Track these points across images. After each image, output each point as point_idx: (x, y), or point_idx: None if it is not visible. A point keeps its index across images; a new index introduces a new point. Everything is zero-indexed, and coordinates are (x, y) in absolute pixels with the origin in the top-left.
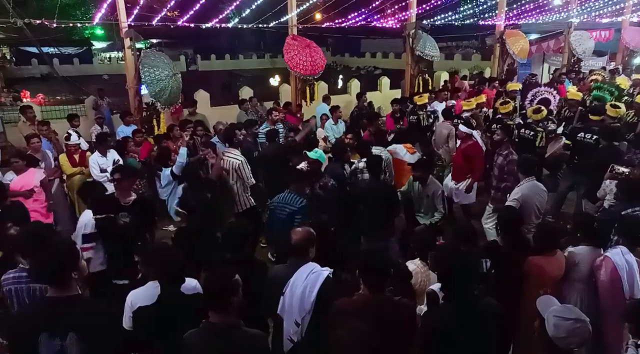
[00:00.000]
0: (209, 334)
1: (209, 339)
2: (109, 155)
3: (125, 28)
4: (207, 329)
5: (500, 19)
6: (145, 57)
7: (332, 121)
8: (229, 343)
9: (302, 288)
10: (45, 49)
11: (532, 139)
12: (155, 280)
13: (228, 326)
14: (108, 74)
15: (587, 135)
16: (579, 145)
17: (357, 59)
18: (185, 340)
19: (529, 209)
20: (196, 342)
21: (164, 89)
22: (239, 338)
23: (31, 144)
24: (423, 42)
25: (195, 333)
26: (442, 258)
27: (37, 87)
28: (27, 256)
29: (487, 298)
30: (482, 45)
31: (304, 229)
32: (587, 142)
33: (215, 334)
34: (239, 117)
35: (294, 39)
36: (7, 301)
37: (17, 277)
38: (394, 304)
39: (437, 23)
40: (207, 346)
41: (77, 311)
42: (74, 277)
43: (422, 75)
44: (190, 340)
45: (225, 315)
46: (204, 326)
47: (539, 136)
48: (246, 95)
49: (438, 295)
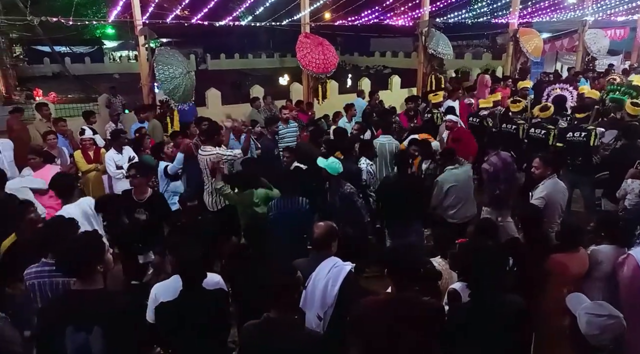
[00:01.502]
0: (269, 329)
1: (268, 334)
2: (124, 152)
3: (139, 26)
4: (268, 324)
5: (514, 17)
6: (160, 55)
7: (345, 119)
8: (288, 340)
9: (324, 282)
10: (57, 48)
11: (543, 138)
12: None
13: (288, 323)
14: (119, 72)
15: (576, 134)
16: (569, 145)
17: (366, 58)
18: (244, 331)
19: (554, 207)
20: (256, 335)
21: (177, 86)
22: (298, 336)
23: (47, 141)
24: (436, 40)
25: (256, 325)
26: (466, 255)
27: (49, 85)
28: (50, 250)
29: (510, 295)
30: (493, 44)
31: (326, 223)
32: (577, 141)
33: (275, 330)
34: (251, 115)
35: (306, 37)
36: (30, 295)
37: (40, 271)
38: (422, 303)
39: (450, 21)
40: (266, 340)
41: (102, 304)
42: (100, 270)
43: (435, 74)
44: (250, 332)
45: (286, 312)
46: (264, 320)
47: (551, 134)
48: (257, 93)
49: (460, 294)
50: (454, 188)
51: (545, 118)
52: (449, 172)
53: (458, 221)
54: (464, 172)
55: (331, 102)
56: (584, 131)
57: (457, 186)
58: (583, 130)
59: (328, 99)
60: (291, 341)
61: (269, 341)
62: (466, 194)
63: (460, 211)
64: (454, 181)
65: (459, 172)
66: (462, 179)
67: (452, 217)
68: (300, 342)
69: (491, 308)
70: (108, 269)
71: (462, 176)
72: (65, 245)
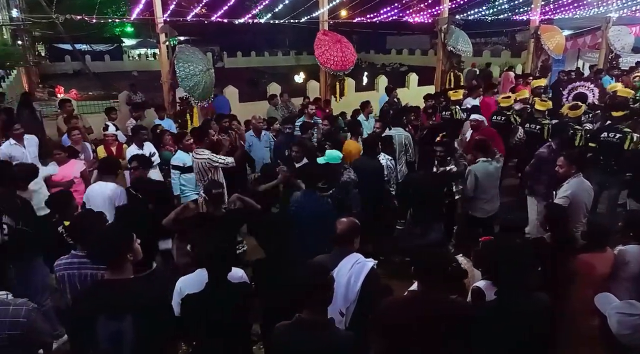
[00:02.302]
0: (300, 330)
1: (300, 335)
2: (145, 147)
3: (160, 24)
4: (300, 324)
5: (535, 13)
6: (180, 53)
7: (363, 117)
8: (320, 341)
9: (347, 278)
10: (78, 46)
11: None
12: (204, 268)
13: (320, 324)
14: (137, 70)
15: (610, 134)
16: (603, 145)
17: (382, 56)
18: (276, 331)
19: (578, 206)
20: (287, 336)
21: (197, 83)
22: (330, 337)
23: (72, 136)
24: (455, 37)
25: (287, 326)
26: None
27: (70, 82)
28: (80, 242)
29: (537, 293)
30: (512, 42)
31: (349, 220)
32: (611, 142)
33: (307, 331)
34: (269, 112)
35: (325, 34)
36: (60, 286)
37: (69, 262)
38: (450, 302)
39: (470, 18)
40: (298, 341)
41: (133, 293)
42: (130, 259)
43: (454, 71)
44: (281, 333)
45: (317, 312)
46: (296, 321)
47: (578, 135)
48: (274, 91)
49: (484, 292)
50: (483, 181)
51: (573, 118)
52: (482, 164)
53: (482, 215)
54: (495, 167)
55: (348, 99)
56: (619, 132)
57: (486, 179)
58: (618, 131)
59: (345, 97)
60: (323, 342)
61: (301, 342)
62: (493, 189)
63: (486, 205)
64: (484, 174)
65: (490, 166)
66: (492, 174)
67: (477, 211)
68: (333, 343)
69: (518, 307)
70: (137, 259)
71: (493, 171)
72: (96, 236)
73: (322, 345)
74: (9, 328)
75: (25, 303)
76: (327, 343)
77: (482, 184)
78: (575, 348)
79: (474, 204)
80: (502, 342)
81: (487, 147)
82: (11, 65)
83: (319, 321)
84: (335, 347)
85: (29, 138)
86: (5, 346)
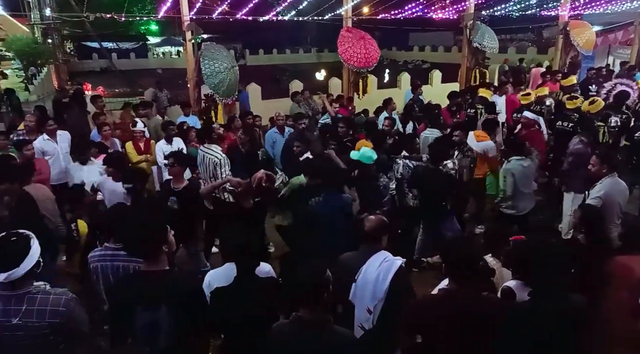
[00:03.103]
0: (299, 329)
1: (298, 334)
2: (173, 143)
3: (186, 21)
4: (297, 323)
5: (564, 9)
6: (206, 50)
7: (386, 114)
8: (318, 340)
9: (375, 275)
10: (104, 44)
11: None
12: (232, 262)
13: (318, 323)
14: (161, 68)
15: None
16: (636, 144)
17: (404, 53)
18: (273, 331)
19: (612, 207)
20: (285, 335)
21: (222, 81)
22: (329, 336)
23: (102, 132)
24: (481, 34)
25: (285, 325)
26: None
27: (97, 80)
28: (112, 235)
29: (573, 295)
30: (539, 38)
31: (377, 217)
32: None
33: (305, 330)
34: (292, 109)
35: (348, 31)
36: (93, 277)
37: (102, 255)
38: (484, 299)
39: (496, 14)
40: (297, 340)
41: (169, 285)
42: (165, 251)
43: (479, 68)
44: (279, 332)
45: (316, 311)
46: (294, 320)
47: (600, 131)
48: (296, 88)
49: (515, 292)
50: (520, 179)
51: (594, 113)
52: (516, 162)
53: (515, 213)
54: (529, 165)
55: (370, 96)
56: None
57: (522, 177)
58: None
59: (368, 94)
60: (323, 341)
61: (300, 341)
62: (528, 187)
63: (521, 203)
64: (520, 172)
65: (525, 164)
66: (526, 172)
67: (512, 209)
68: (332, 342)
69: (553, 309)
70: (171, 250)
71: (527, 169)
72: (132, 228)
73: (322, 344)
74: (49, 317)
75: (64, 293)
76: (326, 342)
77: (519, 182)
78: (610, 350)
79: (507, 202)
80: (535, 344)
81: (520, 146)
82: (42, 63)
83: (318, 320)
84: (334, 346)
85: (62, 134)
86: (46, 334)
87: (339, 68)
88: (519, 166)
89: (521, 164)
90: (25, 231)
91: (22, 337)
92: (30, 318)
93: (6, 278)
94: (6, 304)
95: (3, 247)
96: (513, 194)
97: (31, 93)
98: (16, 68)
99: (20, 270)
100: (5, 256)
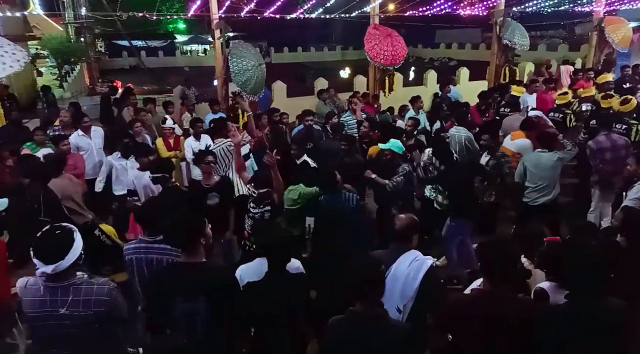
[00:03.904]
0: (356, 323)
1: (356, 328)
2: (202, 139)
3: (215, 20)
4: (354, 317)
5: (599, 4)
6: (234, 48)
7: (412, 112)
8: (376, 333)
9: (405, 274)
10: (134, 43)
11: (624, 134)
12: (263, 257)
13: (375, 316)
14: (188, 66)
15: None
16: None
17: (430, 50)
18: (330, 325)
19: None
20: (343, 329)
21: (249, 78)
22: (386, 329)
23: (135, 128)
24: (512, 31)
25: (342, 319)
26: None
27: (127, 77)
28: (148, 228)
29: (612, 299)
30: (570, 35)
31: (408, 216)
32: None
33: (363, 324)
34: (318, 107)
35: (375, 28)
36: (128, 269)
37: (136, 248)
38: (518, 302)
39: (527, 10)
40: (355, 334)
41: (206, 276)
42: (202, 243)
43: (509, 66)
44: (336, 327)
45: (372, 305)
46: (350, 314)
47: (633, 130)
48: (321, 86)
49: (548, 294)
50: (534, 169)
51: (627, 112)
52: (535, 154)
53: (531, 202)
54: (548, 156)
55: (396, 94)
56: None
57: (535, 168)
58: None
59: (394, 91)
60: (380, 333)
61: (359, 334)
62: (545, 179)
63: (533, 194)
64: (534, 162)
65: (544, 155)
66: (544, 163)
67: (527, 197)
68: (388, 334)
69: (592, 313)
70: (208, 243)
71: (545, 160)
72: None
73: (380, 337)
74: (94, 306)
75: (106, 282)
76: (384, 334)
77: (531, 172)
78: None
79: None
80: (570, 348)
81: (550, 141)
82: (75, 61)
83: (374, 314)
84: (393, 338)
85: (96, 130)
86: (91, 322)
87: (363, 66)
88: (536, 158)
89: (540, 155)
90: (68, 225)
91: (69, 326)
92: (77, 308)
93: (53, 270)
94: (53, 294)
95: (48, 241)
96: (523, 183)
97: (65, 90)
98: (50, 66)
99: (65, 262)
100: (50, 248)
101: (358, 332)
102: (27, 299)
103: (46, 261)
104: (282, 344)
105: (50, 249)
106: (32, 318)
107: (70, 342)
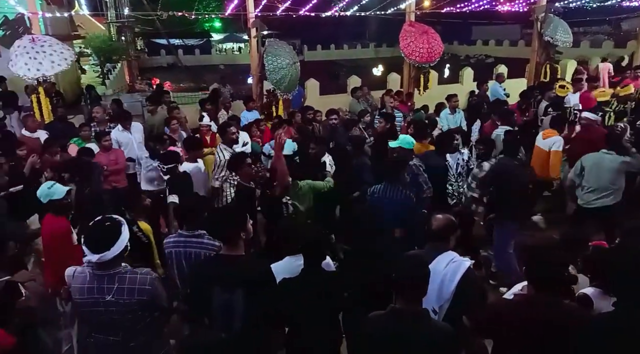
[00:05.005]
0: (397, 320)
1: (397, 325)
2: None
3: (252, 18)
4: (396, 315)
5: None
6: (270, 46)
7: (448, 110)
8: (417, 331)
9: (442, 275)
10: (171, 41)
11: None
12: (294, 255)
13: (416, 314)
14: (224, 64)
15: None
16: None
17: (466, 47)
18: (369, 321)
19: None
20: (383, 325)
21: (284, 76)
22: (427, 328)
23: (171, 126)
24: (554, 27)
25: (382, 316)
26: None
27: (164, 75)
28: (185, 222)
29: None
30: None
31: (446, 216)
32: None
33: (404, 321)
34: (352, 105)
35: (411, 25)
36: (167, 262)
37: (176, 241)
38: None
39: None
40: (395, 331)
41: (244, 269)
42: (243, 237)
43: (550, 63)
44: (376, 322)
45: (414, 303)
46: (391, 311)
47: None
48: (355, 84)
49: (592, 300)
50: (592, 170)
51: None
52: (598, 154)
53: (585, 204)
54: (612, 159)
55: (430, 92)
56: None
57: (594, 168)
58: None
59: (429, 89)
60: (421, 331)
61: (399, 331)
62: (603, 181)
63: (587, 195)
64: (593, 163)
65: (607, 157)
66: (607, 165)
67: (581, 198)
68: (430, 333)
69: None
70: (248, 237)
71: (608, 162)
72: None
73: (421, 335)
74: (138, 294)
75: (148, 272)
76: (426, 333)
77: (589, 173)
78: None
79: (579, 192)
80: None
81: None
82: (116, 59)
83: (415, 312)
84: (433, 337)
85: (135, 125)
86: (135, 309)
87: (397, 63)
88: (598, 158)
89: (602, 156)
90: (118, 217)
91: (114, 312)
92: (122, 296)
93: (98, 259)
94: (100, 282)
95: (97, 232)
96: (579, 183)
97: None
98: (93, 64)
99: (110, 253)
100: (98, 239)
101: (399, 329)
102: (75, 285)
103: (93, 250)
104: (318, 340)
105: (98, 239)
106: (80, 304)
107: (116, 328)
